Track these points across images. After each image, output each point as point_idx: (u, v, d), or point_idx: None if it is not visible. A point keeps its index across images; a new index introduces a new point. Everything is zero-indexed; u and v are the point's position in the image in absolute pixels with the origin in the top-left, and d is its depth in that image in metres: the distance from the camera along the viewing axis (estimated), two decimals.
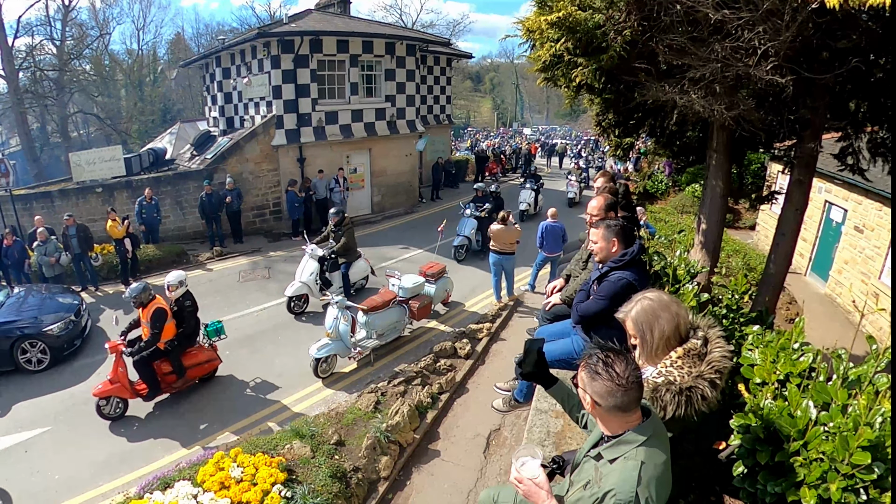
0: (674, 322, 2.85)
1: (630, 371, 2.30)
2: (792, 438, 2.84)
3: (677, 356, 2.81)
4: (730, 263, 14.15)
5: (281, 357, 9.96)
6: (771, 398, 3.14)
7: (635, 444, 2.31)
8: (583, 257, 5.75)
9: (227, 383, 9.19)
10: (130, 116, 48.61)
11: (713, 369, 2.74)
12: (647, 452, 2.28)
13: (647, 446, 2.30)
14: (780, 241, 7.87)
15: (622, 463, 2.30)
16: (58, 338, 9.93)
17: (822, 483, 2.63)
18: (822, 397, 2.88)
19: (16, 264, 13.14)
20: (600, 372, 2.31)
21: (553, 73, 7.59)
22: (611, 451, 2.38)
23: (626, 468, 2.27)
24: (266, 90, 19.06)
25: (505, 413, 7.25)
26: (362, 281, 13.19)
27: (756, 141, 8.10)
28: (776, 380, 3.28)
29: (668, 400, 2.68)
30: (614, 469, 2.31)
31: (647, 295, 2.96)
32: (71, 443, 7.80)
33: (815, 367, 3.19)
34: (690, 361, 2.78)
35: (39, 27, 36.38)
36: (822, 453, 2.68)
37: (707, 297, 4.74)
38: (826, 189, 15.26)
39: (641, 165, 30.22)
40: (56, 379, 9.54)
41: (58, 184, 20.14)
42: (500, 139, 54.58)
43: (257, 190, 19.44)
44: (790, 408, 2.94)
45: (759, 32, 5.16)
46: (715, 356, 2.78)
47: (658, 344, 2.86)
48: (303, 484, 5.65)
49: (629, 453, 2.31)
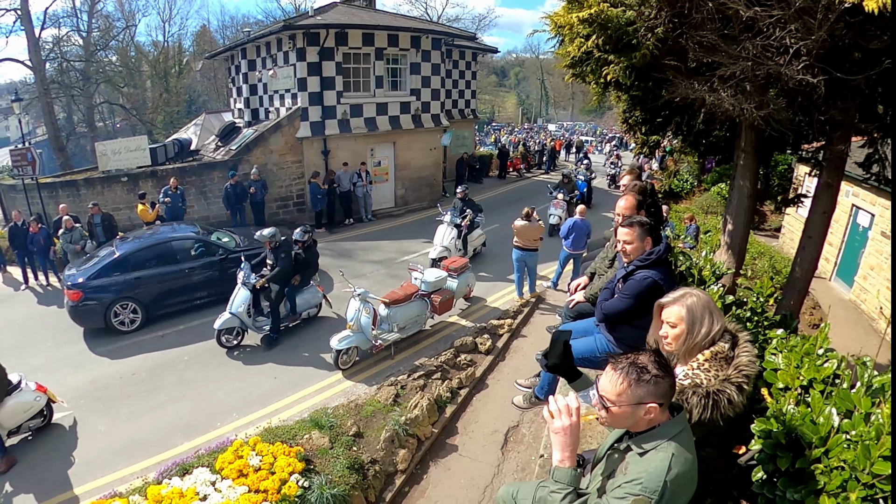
0: (721, 323, 2.87)
1: (664, 360, 2.35)
2: (813, 445, 2.80)
3: (704, 359, 2.79)
4: (755, 265, 13.98)
5: (302, 347, 10.04)
6: (793, 404, 3.10)
7: (668, 436, 2.30)
8: (608, 255, 5.71)
9: (248, 372, 9.30)
10: (156, 107, 49.11)
11: (741, 373, 2.71)
12: (678, 446, 2.27)
13: (678, 440, 2.29)
14: (807, 244, 7.77)
15: (653, 454, 2.28)
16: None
17: (841, 492, 2.59)
18: (845, 405, 2.83)
19: (41, 251, 13.44)
20: (660, 373, 2.29)
21: (582, 69, 7.55)
22: (642, 442, 2.35)
23: (657, 458, 2.25)
24: (291, 82, 19.16)
25: (524, 410, 7.24)
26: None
27: (784, 141, 8.00)
28: (799, 385, 3.24)
29: (695, 403, 2.65)
30: (645, 459, 2.29)
31: (695, 291, 2.96)
32: (92, 426, 7.94)
33: (840, 373, 3.14)
34: (717, 365, 2.76)
35: (66, 18, 36.83)
36: (844, 461, 2.64)
37: (732, 299, 4.68)
38: (853, 193, 14.93)
39: (667, 164, 29.90)
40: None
41: (83, 173, 20.43)
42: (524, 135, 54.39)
43: (281, 181, 19.56)
44: (813, 414, 2.90)
45: (791, 31, 5.10)
46: (743, 360, 2.76)
47: (699, 342, 2.85)
48: (320, 474, 5.70)
49: (662, 445, 2.29)
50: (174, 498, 5.25)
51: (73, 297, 10.44)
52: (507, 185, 27.41)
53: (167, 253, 11.72)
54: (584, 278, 6.09)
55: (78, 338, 10.60)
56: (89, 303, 10.53)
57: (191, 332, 10.76)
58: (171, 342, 10.35)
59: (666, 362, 2.33)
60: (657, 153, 25.32)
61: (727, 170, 16.36)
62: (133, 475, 6.72)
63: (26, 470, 7.03)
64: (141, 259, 11.30)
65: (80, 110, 40.28)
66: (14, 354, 9.89)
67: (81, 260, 11.97)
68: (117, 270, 10.95)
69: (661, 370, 2.28)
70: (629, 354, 2.38)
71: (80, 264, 11.48)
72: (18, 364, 9.44)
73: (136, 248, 11.46)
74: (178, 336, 10.63)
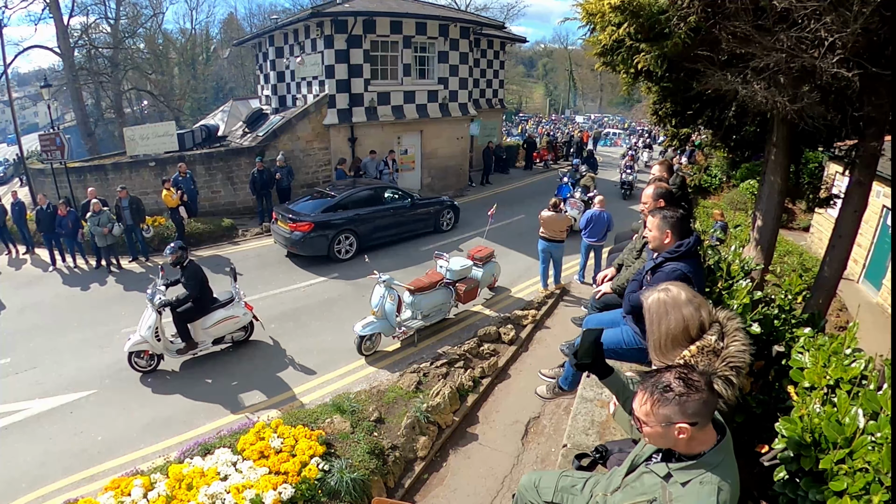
0: (681, 324, 2.78)
1: (699, 371, 2.25)
2: (838, 446, 2.77)
3: (690, 355, 2.75)
4: (784, 263, 13.76)
5: (325, 333, 10.12)
6: (819, 403, 3.06)
7: (712, 466, 2.18)
8: (636, 246, 5.67)
9: (271, 355, 9.40)
10: (183, 94, 49.69)
11: (728, 365, 2.67)
12: (722, 476, 2.15)
13: (722, 469, 2.18)
14: (837, 243, 7.64)
15: (697, 486, 2.16)
16: None
17: (865, 494, 2.56)
18: (871, 406, 2.79)
19: (69, 234, 13.70)
20: (686, 390, 2.15)
21: (613, 58, 7.50)
22: (684, 474, 2.23)
23: (703, 493, 2.13)
24: (319, 70, 19.25)
25: (546, 401, 7.22)
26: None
27: (817, 138, 7.85)
28: (826, 385, 3.20)
29: None
30: (689, 493, 2.17)
31: (668, 287, 2.91)
32: (116, 405, 8.09)
33: (867, 374, 3.09)
34: (706, 359, 2.71)
35: (94, 6, 37.21)
36: (868, 463, 2.61)
37: (760, 295, 4.62)
38: (885, 193, 14.52)
39: (696, 158, 29.47)
40: None
41: (111, 158, 20.74)
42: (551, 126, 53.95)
43: (307, 168, 19.71)
44: (838, 414, 2.86)
45: (826, 23, 5.00)
46: (731, 351, 2.70)
47: (662, 340, 2.81)
48: (341, 458, 5.76)
49: (705, 477, 2.16)
50: (195, 477, 5.35)
51: (304, 229, 13.29)
52: (533, 176, 27.28)
53: (372, 197, 15.06)
54: (611, 270, 6.06)
55: (105, 319, 10.79)
56: (319, 233, 13.48)
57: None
58: None
59: (695, 379, 2.19)
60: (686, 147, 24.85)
61: (756, 166, 16.12)
62: (155, 454, 6.86)
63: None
64: (353, 201, 14.52)
65: (108, 97, 40.68)
66: (42, 334, 10.19)
67: (293, 201, 15.35)
68: (339, 209, 14.11)
69: (687, 387, 2.15)
70: (656, 371, 2.31)
71: (292, 205, 14.65)
72: (46, 343, 9.69)
73: (349, 193, 14.71)
74: None
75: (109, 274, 13.43)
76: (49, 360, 9.30)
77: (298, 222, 13.33)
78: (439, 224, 16.65)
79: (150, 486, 5.32)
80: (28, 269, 14.27)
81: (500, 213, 13.82)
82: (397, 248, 15.12)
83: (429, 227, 16.42)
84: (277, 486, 5.15)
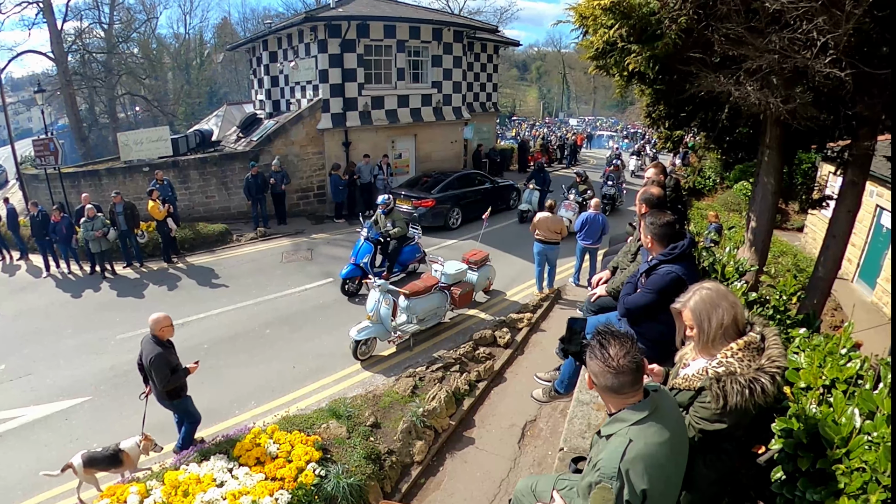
0: (732, 312, 2.81)
1: (623, 355, 2.38)
2: (835, 446, 2.77)
3: (738, 348, 2.76)
4: (778, 264, 13.80)
5: (321, 337, 10.08)
6: (815, 403, 3.07)
7: (628, 422, 2.40)
8: (631, 249, 5.69)
9: (267, 360, 9.36)
10: (177, 99, 49.72)
11: (773, 364, 2.69)
12: (638, 431, 2.36)
13: (640, 425, 2.37)
14: (831, 243, 7.66)
15: (614, 440, 2.40)
16: None
17: (862, 493, 2.56)
18: (867, 405, 2.79)
19: (63, 239, 13.65)
20: (595, 352, 2.44)
21: (605, 60, 7.52)
22: (608, 428, 2.49)
23: (614, 444, 2.37)
24: (313, 74, 19.26)
25: (542, 404, 7.23)
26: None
27: (810, 139, 7.89)
28: (822, 385, 3.20)
29: (730, 390, 2.66)
30: (608, 445, 2.42)
31: (704, 285, 2.93)
32: (111, 411, 8.04)
33: (863, 374, 3.10)
34: (750, 355, 2.73)
35: (88, 11, 37.32)
36: (865, 462, 2.61)
37: (755, 296, 4.63)
38: (878, 193, 14.65)
39: (690, 160, 29.59)
40: None
41: (105, 163, 20.72)
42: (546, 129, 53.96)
43: (302, 172, 19.69)
44: (835, 414, 2.86)
45: (818, 24, 5.01)
46: (774, 352, 2.73)
47: (715, 334, 2.81)
48: (337, 463, 5.73)
49: (621, 430, 2.40)
50: (191, 484, 5.30)
51: (428, 205, 16.83)
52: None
53: (468, 180, 18.85)
54: (606, 272, 6.07)
55: (99, 325, 10.72)
56: (439, 208, 17.02)
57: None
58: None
59: (608, 347, 2.44)
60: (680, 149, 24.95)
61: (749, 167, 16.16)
62: (151, 461, 6.77)
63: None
64: (456, 183, 18.17)
65: (102, 101, 40.70)
66: (36, 340, 10.13)
67: (402, 183, 19.45)
68: (448, 189, 17.66)
69: (599, 349, 2.44)
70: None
71: (402, 189, 18.12)
72: (40, 350, 9.65)
73: (454, 177, 18.43)
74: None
75: (104, 280, 13.35)
76: (44, 367, 9.24)
77: (422, 200, 16.83)
78: (508, 201, 20.15)
79: (145, 493, 5.28)
80: (22, 275, 14.22)
81: (495, 217, 13.80)
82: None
83: (506, 203, 20.00)
84: (274, 493, 5.12)
